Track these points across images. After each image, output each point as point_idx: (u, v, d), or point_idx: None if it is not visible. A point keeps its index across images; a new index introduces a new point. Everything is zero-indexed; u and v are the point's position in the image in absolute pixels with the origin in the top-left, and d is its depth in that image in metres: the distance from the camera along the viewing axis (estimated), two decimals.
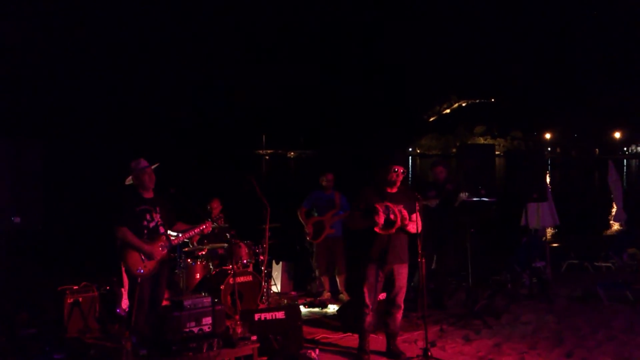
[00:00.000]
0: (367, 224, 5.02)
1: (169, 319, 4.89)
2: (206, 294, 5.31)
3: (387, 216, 4.98)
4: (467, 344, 5.56)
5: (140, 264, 4.91)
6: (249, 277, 6.73)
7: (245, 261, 6.89)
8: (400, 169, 5.11)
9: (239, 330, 4.89)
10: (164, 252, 5.05)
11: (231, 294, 6.23)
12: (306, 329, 5.75)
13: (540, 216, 8.69)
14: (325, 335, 5.85)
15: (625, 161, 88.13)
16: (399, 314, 5.26)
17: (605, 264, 9.12)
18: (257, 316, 5.26)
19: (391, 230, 5.00)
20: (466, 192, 6.72)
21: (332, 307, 6.99)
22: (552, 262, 8.72)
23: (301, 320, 5.50)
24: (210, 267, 6.98)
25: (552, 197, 8.86)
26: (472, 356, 5.27)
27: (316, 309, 6.99)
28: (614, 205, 10.97)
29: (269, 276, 7.24)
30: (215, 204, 7.41)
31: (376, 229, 4.97)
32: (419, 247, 5.08)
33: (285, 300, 7.43)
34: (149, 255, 4.95)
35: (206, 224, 5.37)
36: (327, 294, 7.44)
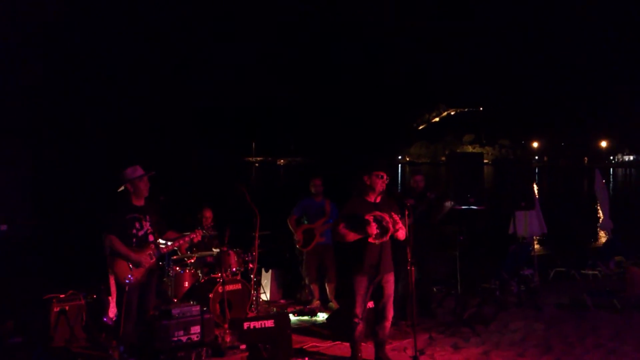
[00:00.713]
0: (358, 237, 4.97)
1: (157, 327, 4.87)
2: (195, 303, 5.29)
3: (380, 224, 4.95)
4: (456, 352, 5.57)
5: (128, 272, 4.88)
6: (238, 285, 6.68)
7: (234, 269, 6.85)
8: (384, 174, 5.09)
9: (227, 339, 4.88)
10: (152, 261, 5.02)
11: (220, 302, 6.20)
12: (295, 338, 5.71)
13: (528, 224, 8.77)
14: (314, 344, 5.82)
15: (611, 170, 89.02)
16: (388, 323, 5.24)
17: (592, 272, 9.19)
18: (246, 325, 5.23)
19: (385, 237, 4.97)
20: (452, 201, 6.70)
21: (322, 316, 6.97)
22: (540, 270, 8.79)
23: (290, 328, 5.48)
24: (199, 275, 6.93)
25: (540, 205, 8.95)
26: None
27: (305, 318, 6.96)
28: (600, 213, 11.07)
29: (259, 284, 7.20)
30: (207, 212, 7.32)
31: (370, 240, 4.95)
32: (409, 255, 5.09)
33: (274, 308, 7.40)
34: (137, 263, 4.92)
35: (196, 232, 5.36)
36: (316, 302, 7.42)
